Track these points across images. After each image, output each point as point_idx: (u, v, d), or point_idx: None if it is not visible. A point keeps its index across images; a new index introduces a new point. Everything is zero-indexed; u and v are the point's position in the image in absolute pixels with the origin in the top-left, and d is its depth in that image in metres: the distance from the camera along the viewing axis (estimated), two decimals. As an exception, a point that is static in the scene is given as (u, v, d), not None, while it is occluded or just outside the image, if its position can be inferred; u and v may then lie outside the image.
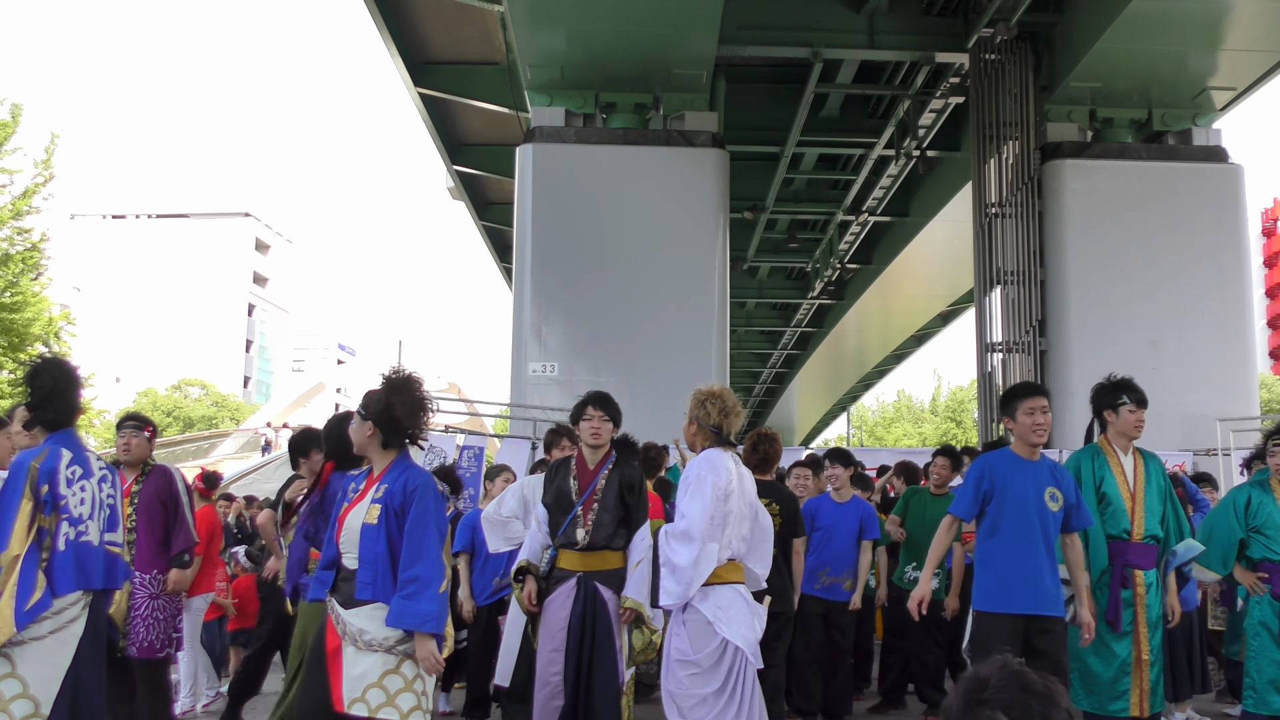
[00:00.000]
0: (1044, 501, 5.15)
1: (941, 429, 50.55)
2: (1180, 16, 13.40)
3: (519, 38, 14.12)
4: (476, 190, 23.67)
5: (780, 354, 34.02)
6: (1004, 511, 5.20)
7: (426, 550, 4.18)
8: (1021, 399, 5.33)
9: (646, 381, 14.09)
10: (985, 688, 1.83)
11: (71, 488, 4.41)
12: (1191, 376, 14.56)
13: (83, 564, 4.36)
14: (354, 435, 4.52)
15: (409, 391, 4.47)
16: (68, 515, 4.36)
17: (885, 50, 15.57)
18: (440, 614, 4.15)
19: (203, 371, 71.25)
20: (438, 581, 4.16)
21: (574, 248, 14.63)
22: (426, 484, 4.31)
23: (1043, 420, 5.23)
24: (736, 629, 4.67)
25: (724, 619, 4.68)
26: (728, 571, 4.71)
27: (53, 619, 4.22)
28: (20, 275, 21.46)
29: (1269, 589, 5.71)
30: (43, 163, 21.30)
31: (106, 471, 4.67)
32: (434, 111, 19.29)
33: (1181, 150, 15.53)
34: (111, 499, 4.61)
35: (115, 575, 4.53)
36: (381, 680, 4.15)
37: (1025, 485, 5.19)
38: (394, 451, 4.42)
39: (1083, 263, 15.06)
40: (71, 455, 4.48)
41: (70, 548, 4.33)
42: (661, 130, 15.03)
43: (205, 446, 43.05)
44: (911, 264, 23.56)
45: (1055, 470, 5.28)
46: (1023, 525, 5.14)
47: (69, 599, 4.29)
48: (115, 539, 4.57)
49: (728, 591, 4.73)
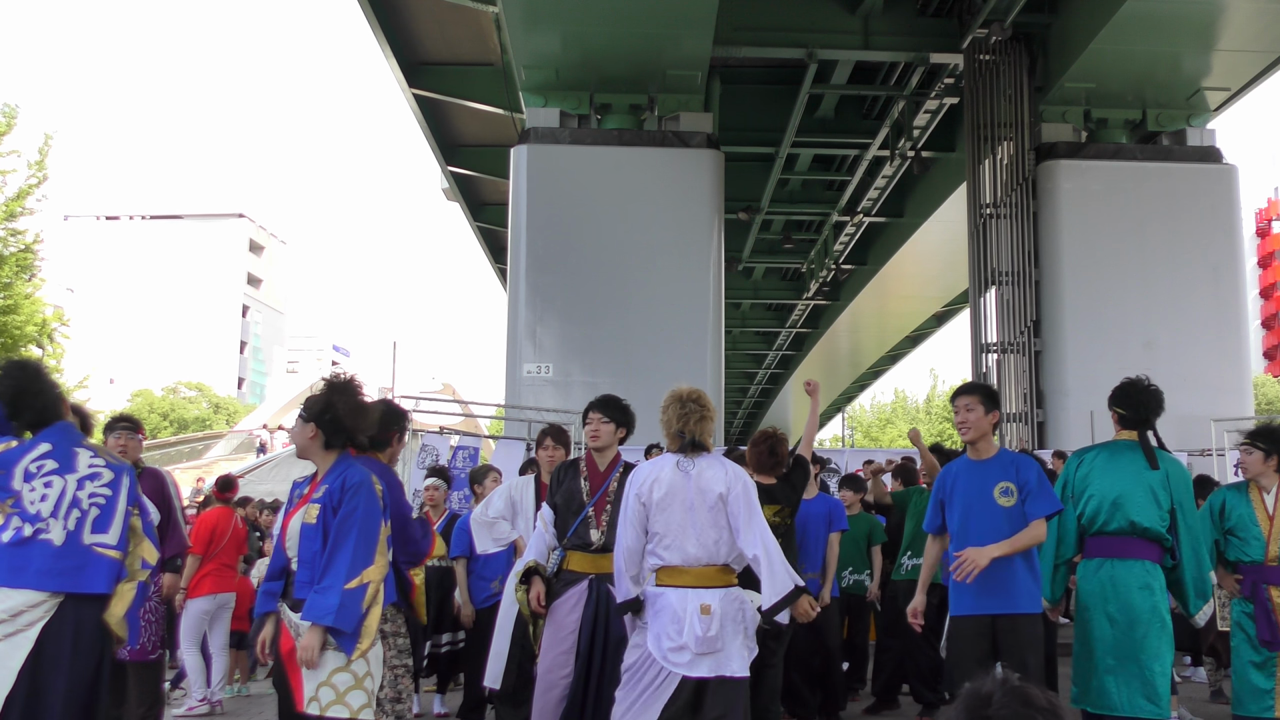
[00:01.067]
0: (993, 499, 5.12)
1: (937, 429, 50.56)
2: (1174, 17, 13.42)
3: (514, 39, 14.11)
4: (471, 191, 23.66)
5: (775, 355, 34.03)
6: (954, 517, 5.24)
7: (345, 545, 4.19)
8: (953, 399, 5.41)
9: (641, 382, 14.06)
10: (988, 704, 1.82)
11: (32, 481, 4.20)
12: (1186, 377, 14.56)
13: (26, 563, 4.11)
14: (296, 438, 4.54)
15: (350, 393, 4.51)
16: (19, 510, 4.16)
17: (880, 51, 15.60)
18: (343, 609, 4.12)
19: (197, 373, 71.18)
20: (348, 576, 4.16)
21: (569, 249, 14.62)
22: (361, 482, 4.31)
23: (965, 418, 5.25)
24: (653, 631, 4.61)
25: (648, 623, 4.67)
26: (666, 576, 4.66)
27: (6, 622, 4.03)
28: (13, 277, 21.40)
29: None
30: (36, 164, 21.23)
31: (106, 470, 4.38)
32: (428, 112, 19.28)
33: (1176, 151, 15.55)
34: (100, 499, 4.32)
35: (98, 578, 4.25)
36: (330, 678, 4.16)
37: (972, 487, 5.19)
38: (335, 453, 4.44)
39: (1077, 263, 15.09)
40: (50, 449, 4.28)
41: (14, 544, 4.11)
42: (656, 131, 15.03)
43: (199, 448, 42.98)
44: (906, 265, 23.59)
45: (1012, 464, 5.23)
46: (974, 527, 5.13)
47: (24, 600, 4.08)
48: (106, 540, 4.29)
49: (663, 593, 4.67)
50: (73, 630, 4.17)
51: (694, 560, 4.67)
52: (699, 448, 4.78)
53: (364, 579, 4.21)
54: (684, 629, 4.55)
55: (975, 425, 5.25)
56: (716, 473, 4.75)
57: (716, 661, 4.53)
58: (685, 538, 4.67)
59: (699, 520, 4.70)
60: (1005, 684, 1.84)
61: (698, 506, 4.70)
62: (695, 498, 4.71)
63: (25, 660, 4.04)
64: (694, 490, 4.71)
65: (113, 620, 4.27)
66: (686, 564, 4.66)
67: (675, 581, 4.65)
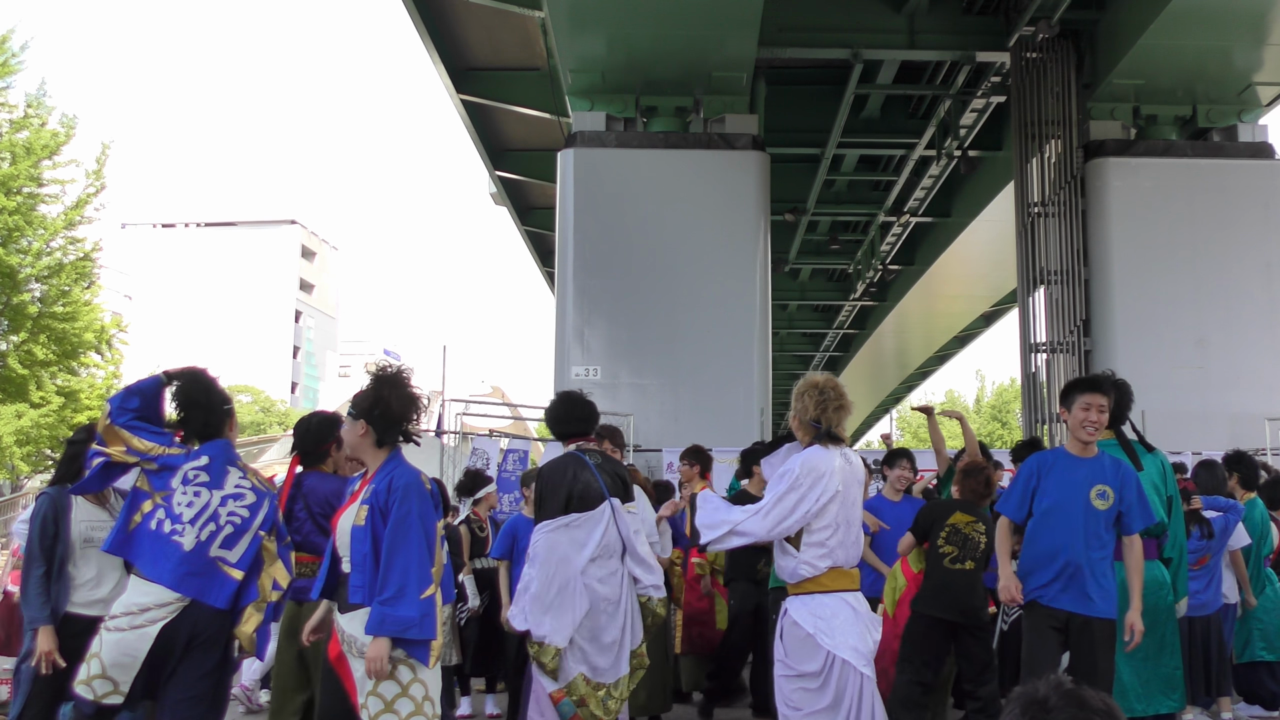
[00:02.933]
0: (1088, 499, 5.04)
1: (987, 429, 50.08)
2: (1224, 11, 13.26)
3: (559, 43, 14.22)
4: (518, 195, 23.80)
5: (823, 356, 33.91)
6: (1044, 508, 5.15)
7: (409, 550, 4.06)
8: (1079, 393, 5.21)
9: (689, 384, 14.15)
10: (1044, 707, 1.82)
11: (185, 487, 4.44)
12: (1239, 375, 14.40)
13: (165, 558, 4.34)
14: (346, 437, 4.39)
15: (401, 385, 4.33)
16: (167, 507, 4.41)
17: (926, 50, 15.53)
18: (423, 619, 4.02)
19: (251, 378, 71.92)
20: (420, 585, 4.04)
21: (615, 251, 14.69)
22: (410, 483, 4.17)
23: (1096, 418, 5.10)
24: (842, 639, 4.37)
25: (825, 630, 4.38)
26: (831, 580, 4.43)
27: (132, 615, 4.29)
28: (72, 285, 21.82)
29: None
30: (94, 173, 21.65)
31: (250, 493, 4.56)
32: (476, 117, 19.43)
33: (1227, 147, 15.36)
34: (237, 519, 4.49)
35: (220, 594, 4.40)
36: (377, 687, 4.07)
37: (1067, 483, 5.09)
38: (387, 450, 4.29)
39: (1127, 261, 14.94)
40: (207, 462, 4.51)
41: (156, 533, 4.37)
42: (702, 133, 15.06)
43: (254, 451, 43.49)
44: (954, 265, 23.45)
45: (1114, 468, 5.14)
46: (1060, 524, 5.07)
47: (155, 597, 4.31)
48: (228, 557, 4.44)
49: (831, 600, 4.43)
50: (187, 636, 4.35)
51: (852, 561, 4.54)
52: (836, 439, 4.52)
53: (434, 585, 4.13)
54: (867, 637, 4.42)
55: (1102, 426, 5.14)
56: (858, 463, 4.65)
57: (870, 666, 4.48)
58: (849, 536, 4.50)
59: (859, 516, 4.58)
60: (1060, 687, 1.85)
61: (859, 501, 4.58)
62: (856, 492, 4.56)
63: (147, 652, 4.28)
64: (856, 484, 4.55)
65: (243, 638, 4.46)
66: (848, 564, 4.51)
67: (842, 585, 4.47)
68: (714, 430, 12.62)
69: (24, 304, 20.95)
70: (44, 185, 21.25)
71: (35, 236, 21.08)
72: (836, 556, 4.44)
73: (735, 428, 13.11)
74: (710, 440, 10.00)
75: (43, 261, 21.08)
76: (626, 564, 5.27)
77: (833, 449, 4.47)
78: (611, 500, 5.24)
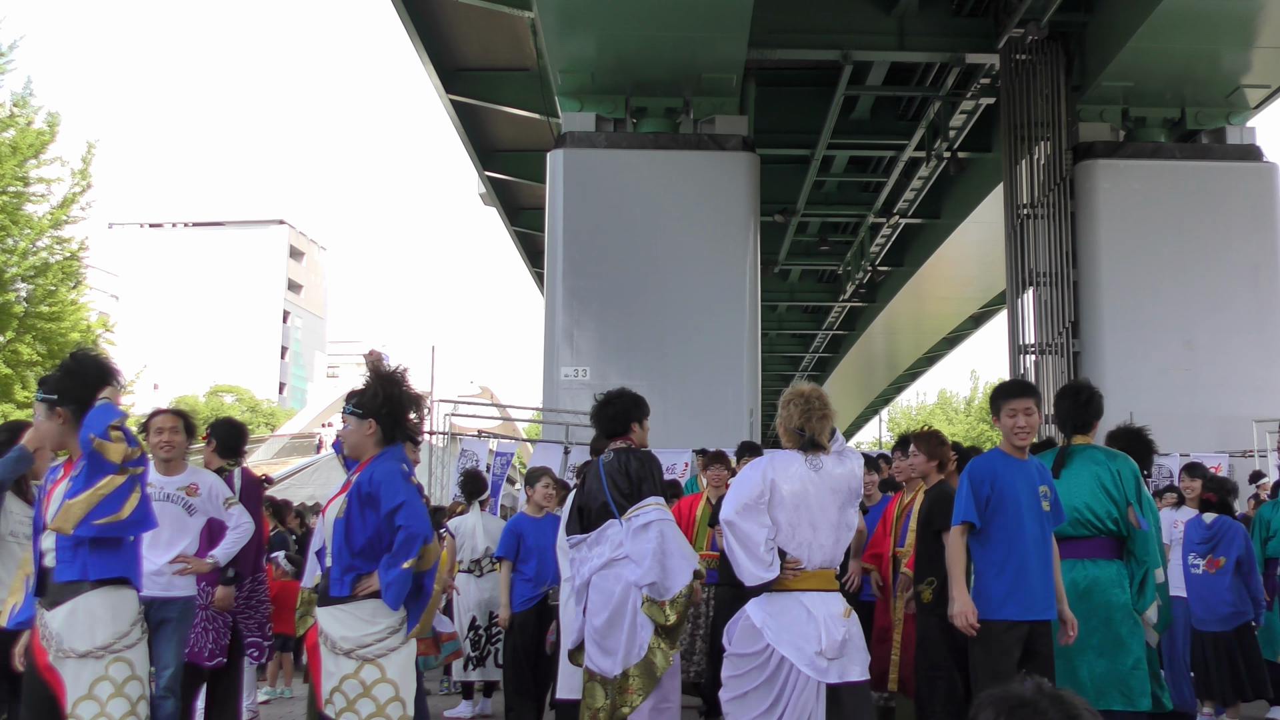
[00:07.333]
0: (1038, 501, 5.00)
1: (977, 430, 50.17)
2: (1213, 14, 13.30)
3: (549, 44, 14.20)
4: (508, 195, 23.77)
5: (812, 357, 33.93)
6: (1005, 514, 4.99)
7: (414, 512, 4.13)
8: (1004, 400, 5.14)
9: (678, 385, 14.13)
10: (1030, 708, 1.81)
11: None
12: (1227, 377, 14.45)
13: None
14: (350, 436, 4.38)
15: (404, 383, 4.37)
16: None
17: (915, 52, 15.56)
18: (390, 587, 4.08)
19: (238, 378, 71.74)
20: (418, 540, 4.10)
21: (605, 252, 14.68)
22: (391, 468, 4.21)
23: (1024, 423, 5.02)
24: (785, 636, 4.49)
25: (771, 626, 4.52)
26: (792, 580, 4.56)
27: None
28: (59, 284, 21.69)
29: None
30: (80, 172, 21.50)
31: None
32: (465, 118, 19.39)
33: (1215, 149, 15.41)
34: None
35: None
36: (341, 684, 4.09)
37: (1019, 487, 5.00)
38: (383, 446, 4.32)
39: (1116, 263, 14.98)
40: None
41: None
42: (692, 134, 15.06)
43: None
44: (943, 266, 23.47)
45: (1040, 469, 5.14)
46: (1030, 531, 4.97)
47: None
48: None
49: (785, 599, 4.56)
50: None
51: (820, 563, 4.64)
52: (818, 447, 4.67)
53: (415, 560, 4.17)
54: (821, 634, 4.50)
55: (1033, 431, 5.09)
56: (845, 468, 4.72)
57: (842, 667, 4.52)
58: (815, 538, 4.62)
59: (829, 520, 4.67)
60: (1041, 688, 1.84)
61: (828, 507, 4.67)
62: (827, 498, 4.66)
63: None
64: (826, 490, 4.66)
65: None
66: (810, 566, 4.62)
67: (804, 585, 4.58)
68: (703, 431, 12.61)
69: (10, 304, 20.82)
70: (30, 184, 21.11)
71: (21, 236, 20.95)
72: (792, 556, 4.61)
73: (724, 428, 13.09)
74: (699, 441, 10.00)
75: (29, 261, 20.94)
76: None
77: (795, 455, 4.66)
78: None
